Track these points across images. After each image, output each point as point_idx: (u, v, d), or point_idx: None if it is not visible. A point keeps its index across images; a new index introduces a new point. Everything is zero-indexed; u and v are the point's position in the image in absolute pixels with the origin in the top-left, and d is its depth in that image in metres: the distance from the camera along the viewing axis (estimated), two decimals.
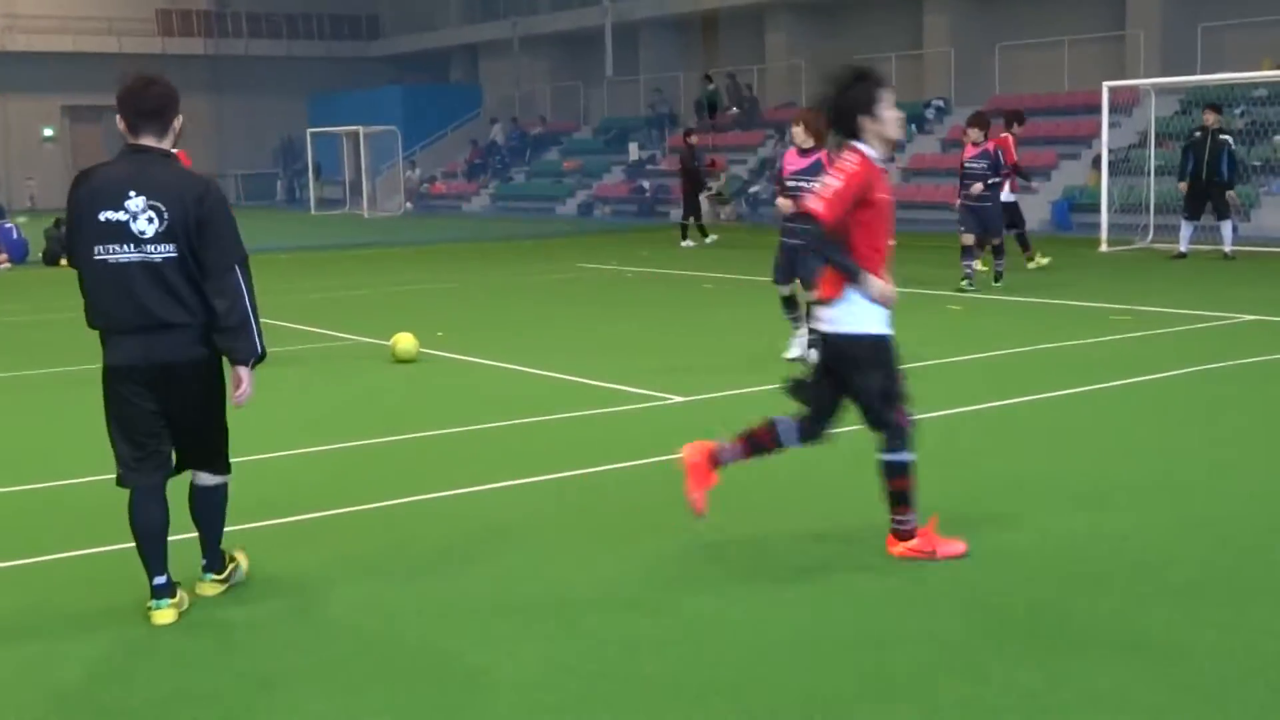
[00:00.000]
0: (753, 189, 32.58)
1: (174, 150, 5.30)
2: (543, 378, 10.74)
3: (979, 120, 16.47)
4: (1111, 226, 21.66)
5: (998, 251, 16.49)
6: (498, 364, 11.42)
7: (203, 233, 5.05)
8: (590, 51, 42.93)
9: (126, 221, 5.00)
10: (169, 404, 5.17)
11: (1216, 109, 19.74)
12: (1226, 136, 19.48)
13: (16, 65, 46.87)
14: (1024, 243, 18.81)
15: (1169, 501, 6.66)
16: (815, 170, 10.09)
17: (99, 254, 5.02)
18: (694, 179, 25.06)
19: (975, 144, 16.05)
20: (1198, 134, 19.76)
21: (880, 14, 35.46)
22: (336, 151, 42.72)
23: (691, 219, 24.97)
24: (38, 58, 47.19)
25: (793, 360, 10.67)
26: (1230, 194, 19.40)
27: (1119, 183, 22.91)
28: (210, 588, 5.44)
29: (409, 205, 41.63)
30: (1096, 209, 22.45)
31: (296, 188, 48.55)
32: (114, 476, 5.23)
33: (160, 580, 5.17)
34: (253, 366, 5.21)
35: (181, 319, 5.06)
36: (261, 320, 5.28)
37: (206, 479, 5.39)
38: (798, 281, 10.84)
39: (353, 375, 11.23)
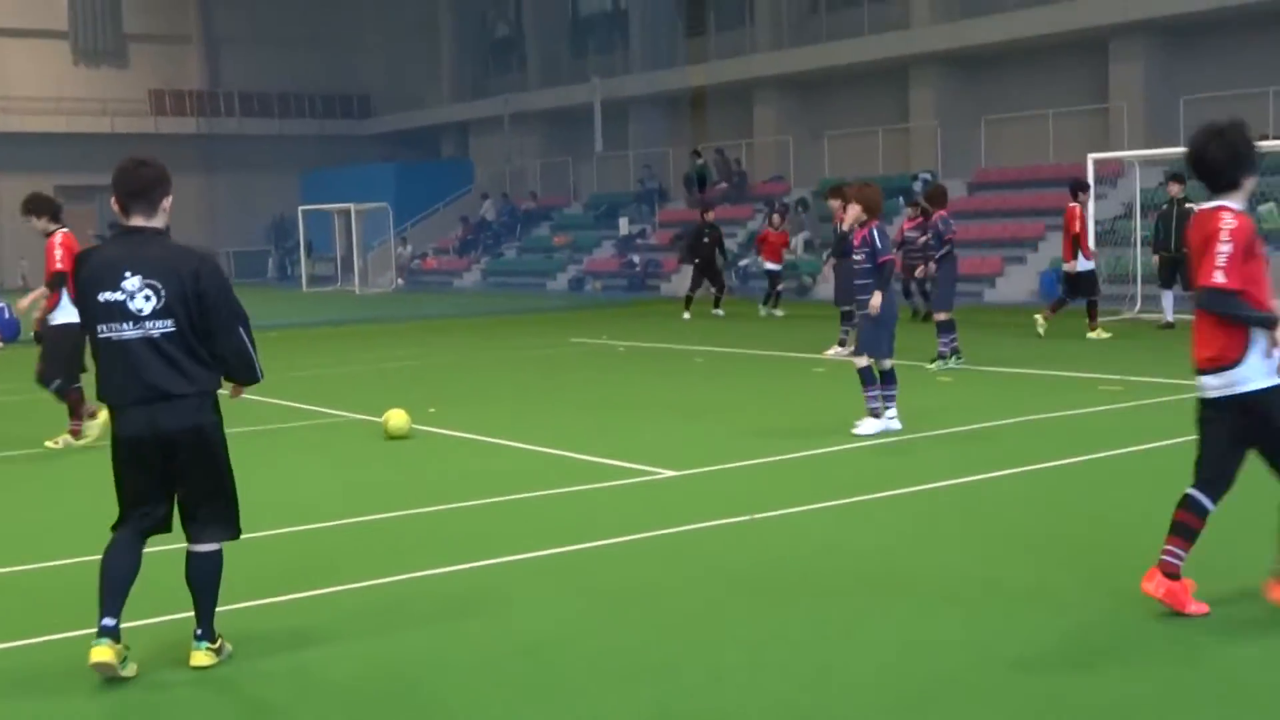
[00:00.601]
0: (742, 262, 32.75)
1: (165, 227, 5.51)
2: (535, 453, 10.76)
3: (926, 195, 17.10)
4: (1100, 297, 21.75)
5: (939, 328, 15.75)
6: (490, 439, 11.44)
7: (203, 304, 5.36)
8: (580, 127, 43.32)
9: (124, 301, 5.28)
10: (172, 471, 5.44)
11: (1180, 179, 19.93)
12: (1192, 205, 19.63)
13: (10, 145, 47.15)
14: (1092, 312, 18.86)
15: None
16: (865, 244, 10.89)
17: (103, 332, 5.33)
18: (712, 253, 26.09)
19: (910, 218, 16.65)
20: (1165, 205, 19.96)
21: (867, 88, 35.86)
22: (328, 228, 42.95)
23: (714, 290, 25.89)
24: (31, 138, 47.48)
25: (859, 434, 10.80)
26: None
27: (1106, 253, 23.11)
28: (204, 657, 5.49)
29: (401, 281, 41.78)
30: None
31: (288, 265, 48.73)
32: (94, 559, 5.49)
33: (109, 622, 5.30)
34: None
35: (182, 389, 5.35)
36: (254, 397, 5.42)
37: (201, 546, 5.52)
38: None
39: (345, 452, 11.24)
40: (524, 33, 47.67)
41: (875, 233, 10.97)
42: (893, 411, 11.00)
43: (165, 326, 5.31)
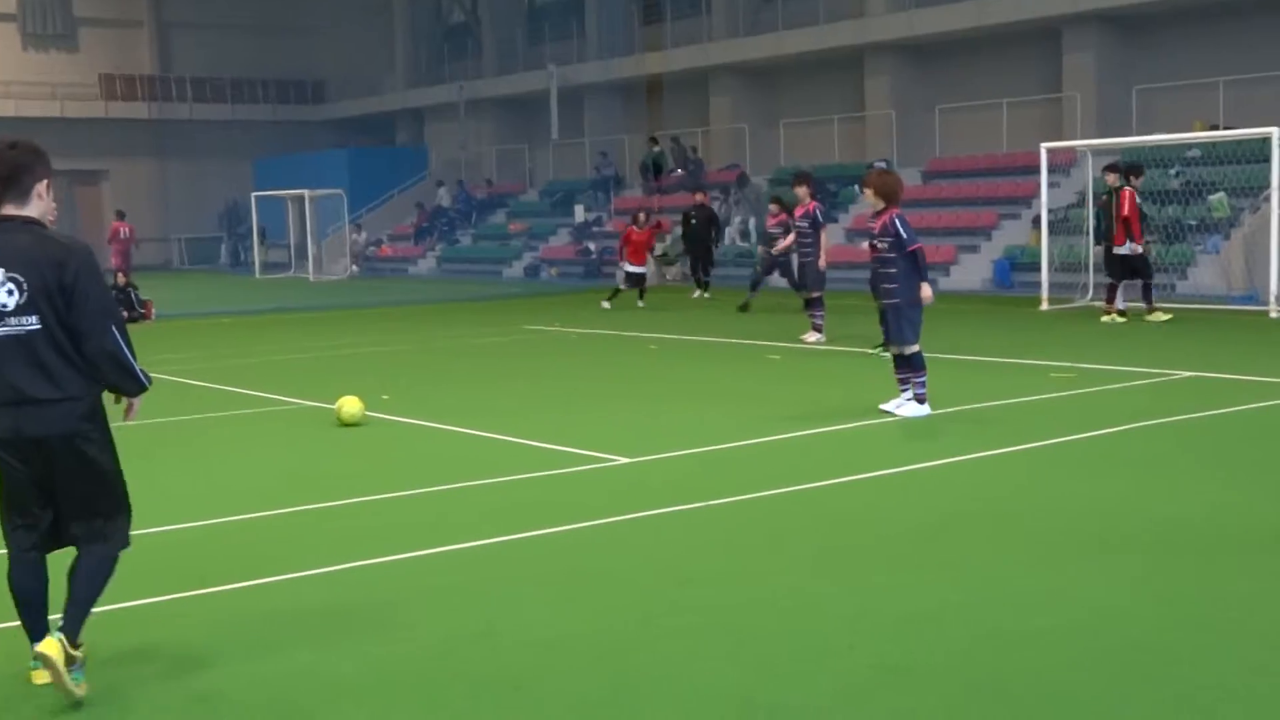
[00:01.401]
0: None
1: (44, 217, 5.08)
2: (488, 440, 10.72)
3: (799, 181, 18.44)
4: (1052, 285, 21.95)
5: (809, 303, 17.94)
6: (443, 426, 11.39)
7: (69, 299, 4.90)
8: (536, 115, 43.19)
9: None
10: (45, 478, 5.01)
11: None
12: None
13: None
14: (1148, 296, 19.29)
15: (1101, 557, 6.72)
16: (885, 232, 11.00)
17: None
18: (704, 233, 26.97)
19: (773, 215, 17.87)
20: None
21: (822, 77, 35.94)
22: (282, 215, 42.63)
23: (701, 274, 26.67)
24: None
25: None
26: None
27: (1058, 242, 23.25)
28: (52, 647, 4.86)
29: (355, 268, 41.54)
30: (1037, 268, 22.76)
31: (241, 251, 48.32)
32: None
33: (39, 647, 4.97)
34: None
35: (48, 394, 4.91)
36: (205, 384, 5.29)
37: (92, 548, 5.11)
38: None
39: (297, 440, 11.16)
40: (479, 19, 47.43)
41: (898, 221, 10.99)
42: (909, 394, 11.17)
43: (31, 324, 4.87)
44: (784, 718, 4.74)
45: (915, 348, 11.10)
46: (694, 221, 27.17)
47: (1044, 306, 21.40)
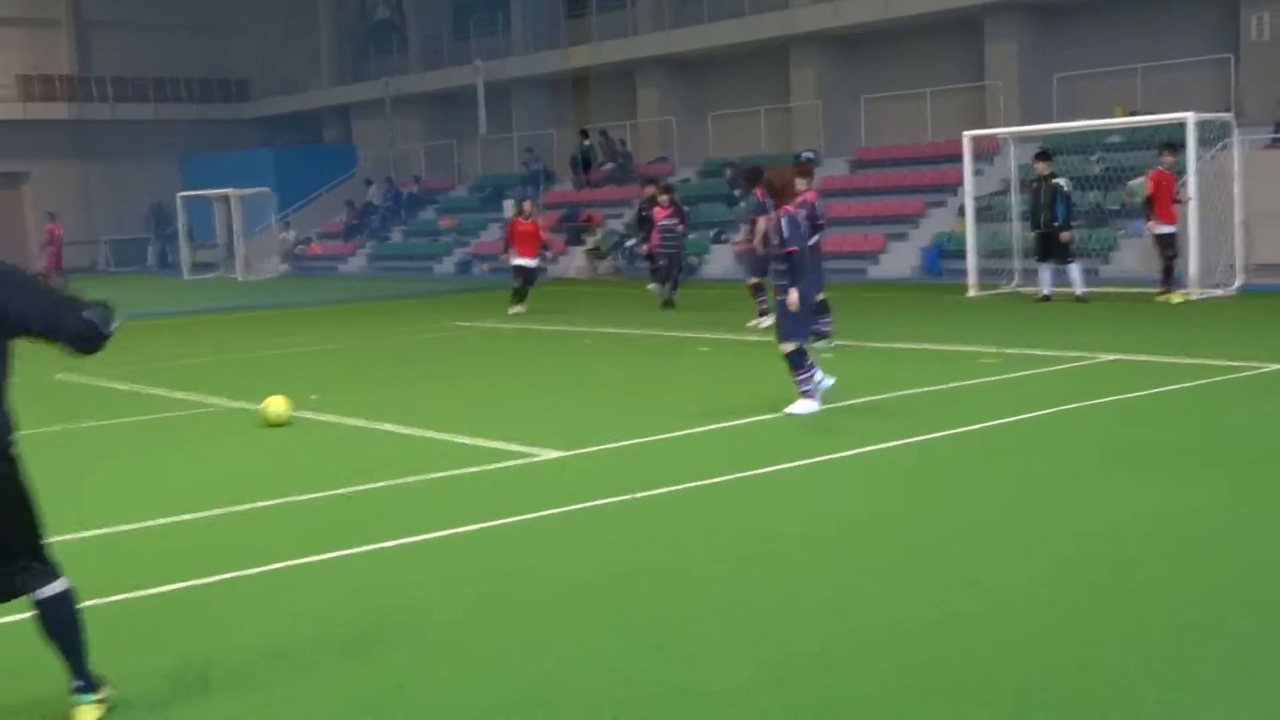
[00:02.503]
0: (629, 242, 32.77)
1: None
2: (417, 438, 10.69)
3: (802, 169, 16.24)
4: (979, 272, 22.18)
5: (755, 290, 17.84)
6: (372, 425, 11.33)
7: (9, 310, 4.60)
8: (463, 110, 43.00)
9: None
10: None
11: (1045, 156, 20.42)
12: (1059, 181, 20.10)
13: None
14: (1167, 275, 19.71)
15: (1020, 543, 6.82)
16: (778, 229, 10.89)
17: None
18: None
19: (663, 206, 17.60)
20: (1034, 182, 20.42)
21: (748, 69, 36.07)
22: (209, 215, 42.15)
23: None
24: None
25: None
26: (1064, 235, 19.80)
27: (984, 229, 23.52)
28: (90, 712, 4.77)
29: (285, 267, 41.16)
30: (964, 255, 22.99)
31: (169, 252, 47.71)
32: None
33: None
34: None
35: None
36: (127, 386, 5.17)
37: (43, 592, 4.77)
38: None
39: (222, 441, 11.05)
40: (404, 15, 47.13)
41: (783, 220, 10.88)
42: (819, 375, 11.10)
43: None
44: (706, 702, 4.78)
45: (792, 346, 10.96)
46: (644, 214, 26.82)
47: (971, 293, 21.62)
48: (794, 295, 10.81)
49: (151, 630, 5.91)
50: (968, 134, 23.15)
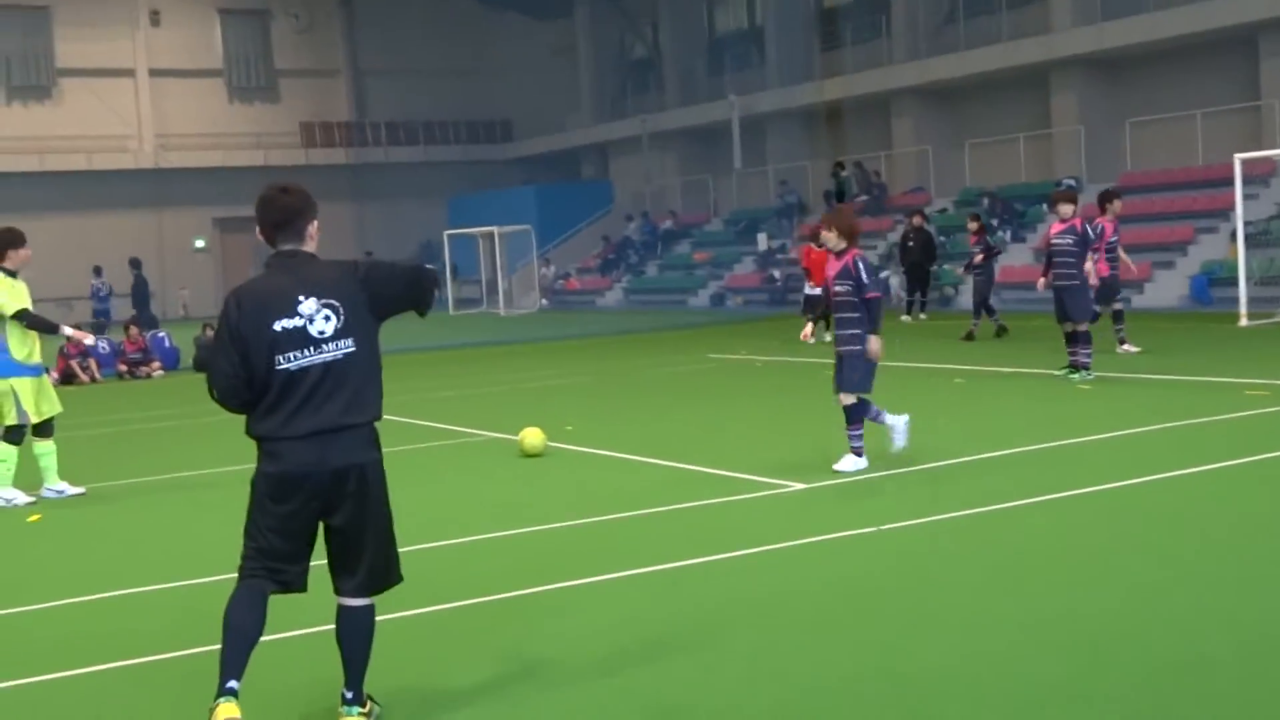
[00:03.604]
0: (883, 273, 32.53)
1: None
2: (666, 468, 10.90)
3: (1067, 195, 15.57)
4: (1251, 300, 21.21)
5: (1072, 339, 15.05)
6: (623, 456, 11.60)
7: (381, 288, 5.14)
8: (718, 144, 43.45)
9: (304, 326, 4.96)
10: (336, 514, 5.03)
11: None
12: None
13: (170, 181, 49.03)
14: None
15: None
16: (845, 275, 10.04)
17: (280, 364, 4.94)
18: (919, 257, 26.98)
19: (1063, 219, 15.16)
20: None
21: (1006, 95, 35.37)
22: (473, 252, 43.76)
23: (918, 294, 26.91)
24: (190, 173, 49.31)
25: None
26: None
27: (1257, 255, 22.48)
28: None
29: (544, 302, 42.38)
30: (1235, 283, 22.00)
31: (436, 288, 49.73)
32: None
33: (233, 684, 4.88)
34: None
35: (358, 419, 5.01)
36: (398, 418, 5.46)
37: (354, 600, 5.10)
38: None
39: (481, 470, 11.50)
40: (661, 53, 48.02)
41: (860, 263, 10.07)
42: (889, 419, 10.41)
43: (347, 346, 5.02)
44: None
45: (853, 400, 10.23)
46: (911, 244, 27.05)
47: (1243, 322, 20.68)
48: (876, 344, 10.03)
49: (399, 651, 6.23)
50: (1239, 156, 22.18)
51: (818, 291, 23.37)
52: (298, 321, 4.95)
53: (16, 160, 46.05)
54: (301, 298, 4.97)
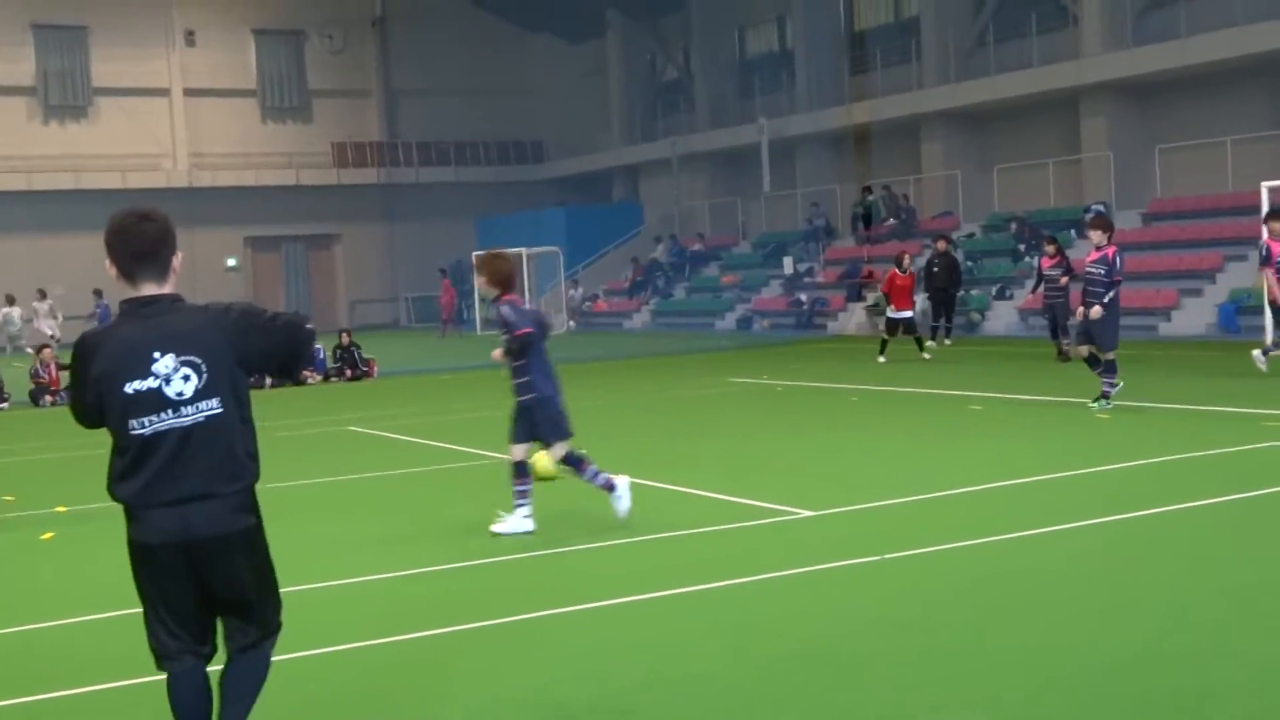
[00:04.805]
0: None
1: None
2: (675, 493, 10.90)
3: (1101, 222, 15.36)
4: (1278, 329, 20.99)
5: (1093, 364, 14.92)
6: (637, 480, 11.58)
7: (252, 342, 4.58)
8: (747, 167, 43.49)
9: (159, 387, 4.41)
10: (209, 584, 4.55)
11: None
12: None
13: (203, 200, 49.38)
14: None
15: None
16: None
17: (133, 429, 4.44)
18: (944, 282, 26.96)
19: (1098, 247, 14.83)
20: None
21: (1036, 119, 35.28)
22: None
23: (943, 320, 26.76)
24: (223, 192, 49.66)
25: None
26: None
27: None
28: None
29: (572, 324, 42.45)
30: (1262, 311, 21.78)
31: (464, 309, 49.88)
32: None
33: None
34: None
35: (225, 488, 4.49)
36: (412, 439, 5.46)
37: (242, 649, 4.70)
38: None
39: (491, 493, 11.50)
40: (692, 75, 48.13)
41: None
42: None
43: (211, 408, 4.48)
44: None
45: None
46: (936, 269, 27.00)
47: (1273, 352, 20.45)
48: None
49: (391, 676, 6.25)
50: (1266, 184, 22.04)
51: (901, 315, 23.38)
52: (151, 383, 4.40)
53: (53, 179, 46.48)
54: (157, 354, 4.41)
